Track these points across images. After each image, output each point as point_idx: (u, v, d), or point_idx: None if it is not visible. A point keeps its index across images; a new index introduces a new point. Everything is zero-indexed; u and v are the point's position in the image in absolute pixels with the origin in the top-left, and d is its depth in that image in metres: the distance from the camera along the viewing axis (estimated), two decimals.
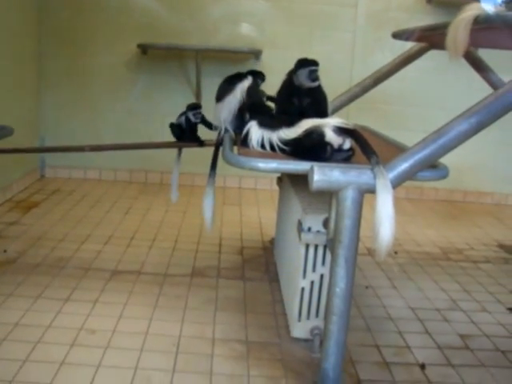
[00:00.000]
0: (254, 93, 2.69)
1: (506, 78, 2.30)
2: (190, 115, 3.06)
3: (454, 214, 4.61)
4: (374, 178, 1.73)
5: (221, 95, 2.74)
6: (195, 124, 3.09)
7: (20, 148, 3.51)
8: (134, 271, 2.93)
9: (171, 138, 3.16)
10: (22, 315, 2.37)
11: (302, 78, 2.48)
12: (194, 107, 3.10)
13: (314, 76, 2.48)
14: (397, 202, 1.68)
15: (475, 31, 2.12)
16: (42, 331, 2.25)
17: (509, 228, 4.25)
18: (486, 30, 2.09)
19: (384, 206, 1.71)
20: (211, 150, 2.65)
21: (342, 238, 1.79)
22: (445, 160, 2.00)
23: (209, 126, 2.99)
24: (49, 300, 2.54)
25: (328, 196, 2.00)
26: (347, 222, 1.77)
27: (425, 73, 4.36)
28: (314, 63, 2.49)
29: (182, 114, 3.10)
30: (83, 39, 4.67)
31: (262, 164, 1.94)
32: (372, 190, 1.75)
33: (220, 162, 2.20)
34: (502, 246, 3.79)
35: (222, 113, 2.69)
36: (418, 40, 3.06)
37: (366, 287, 2.94)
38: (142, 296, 2.65)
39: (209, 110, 4.58)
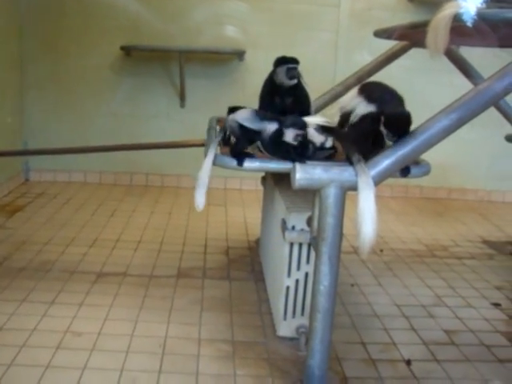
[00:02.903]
0: None
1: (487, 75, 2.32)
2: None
3: (438, 211, 4.63)
4: (356, 175, 1.74)
5: None
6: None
7: (3, 151, 3.49)
8: (119, 273, 2.92)
9: (156, 139, 3.13)
10: (6, 319, 2.36)
11: (281, 76, 2.47)
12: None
13: (291, 74, 2.46)
14: (382, 201, 1.70)
15: (455, 29, 2.14)
16: (27, 335, 2.24)
17: (493, 224, 4.28)
18: (465, 27, 2.10)
19: (366, 203, 1.72)
20: (195, 151, 2.65)
21: (326, 235, 1.80)
22: (429, 158, 2.01)
23: None
24: (34, 303, 2.53)
25: (311, 194, 2.00)
26: (330, 220, 1.78)
27: (407, 70, 4.37)
28: (293, 61, 2.48)
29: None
30: (66, 42, 4.65)
31: (246, 163, 1.95)
32: (354, 188, 1.76)
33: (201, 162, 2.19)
34: (486, 242, 3.81)
35: None
36: (400, 38, 3.08)
37: (352, 285, 2.95)
38: (128, 298, 2.65)
39: (195, 110, 4.65)
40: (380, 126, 1.86)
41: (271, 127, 1.99)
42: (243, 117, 2.05)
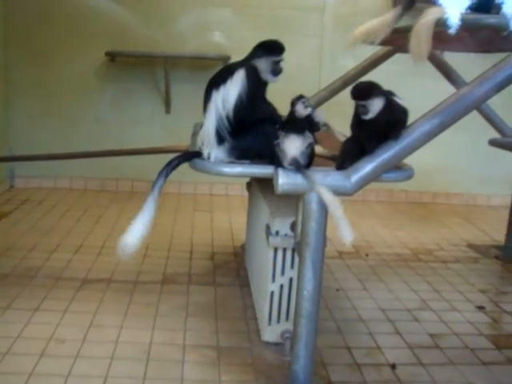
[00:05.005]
0: None
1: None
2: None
3: (423, 215, 4.65)
4: (319, 196, 1.75)
5: None
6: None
7: None
8: (104, 279, 2.91)
9: (142, 145, 3.12)
10: None
11: (263, 70, 2.21)
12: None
13: (277, 68, 2.23)
14: (367, 205, 1.71)
15: (437, 34, 2.15)
16: (10, 342, 2.23)
17: (477, 228, 4.30)
18: (448, 33, 2.12)
19: (336, 213, 1.73)
20: None
21: (309, 240, 1.80)
22: (413, 162, 2.02)
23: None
24: (18, 311, 2.51)
25: (295, 199, 2.01)
26: (313, 225, 1.79)
27: (392, 75, 4.39)
28: (278, 49, 2.23)
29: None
30: (51, 48, 4.63)
31: (227, 169, 1.95)
32: (337, 192, 1.77)
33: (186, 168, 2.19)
34: (470, 246, 3.83)
35: None
36: (383, 43, 3.09)
37: (337, 290, 2.95)
38: (113, 304, 2.64)
39: (180, 115, 4.63)
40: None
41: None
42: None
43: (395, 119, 1.89)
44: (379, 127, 1.90)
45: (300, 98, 2.05)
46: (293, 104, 2.05)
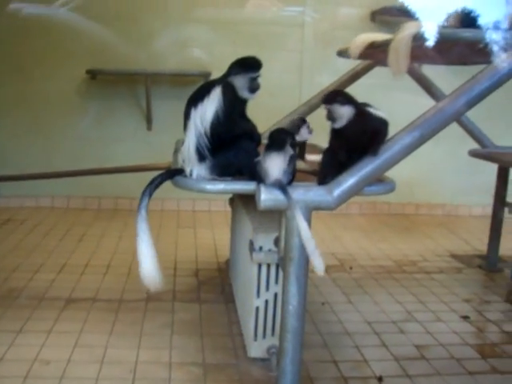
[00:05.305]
0: None
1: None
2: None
3: (406, 226, 4.68)
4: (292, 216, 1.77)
5: None
6: None
7: None
8: (88, 299, 2.90)
9: (124, 162, 3.11)
10: None
11: (240, 87, 2.18)
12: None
13: (255, 85, 2.20)
14: (350, 218, 1.73)
15: (415, 48, 2.18)
16: None
17: (460, 238, 4.33)
18: (425, 47, 2.15)
19: (309, 245, 1.76)
20: None
21: (293, 255, 1.81)
22: (395, 174, 2.04)
23: None
24: (1, 332, 2.49)
25: (278, 214, 2.01)
26: (296, 240, 1.79)
27: (372, 89, 4.43)
28: (255, 66, 2.21)
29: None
30: (31, 66, 4.61)
31: (210, 186, 1.96)
32: (319, 207, 1.78)
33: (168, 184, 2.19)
34: (454, 256, 3.85)
35: None
36: (362, 57, 3.12)
37: (323, 303, 2.95)
38: (97, 323, 2.62)
39: (162, 132, 4.63)
40: None
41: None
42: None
43: (370, 130, 1.91)
44: (350, 136, 1.93)
45: (303, 121, 2.05)
46: (298, 126, 2.06)
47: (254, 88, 2.20)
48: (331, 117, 1.94)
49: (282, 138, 1.96)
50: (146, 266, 2.03)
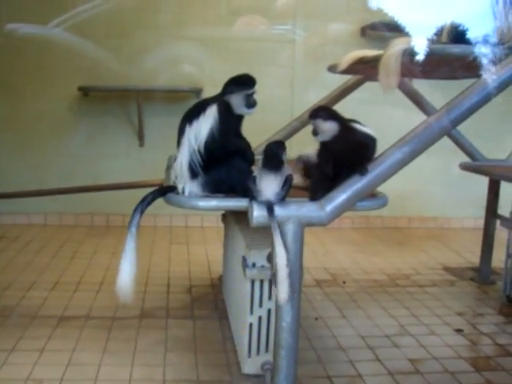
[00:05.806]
0: None
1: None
2: None
3: (399, 240, 4.69)
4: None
5: None
6: None
7: None
8: (81, 316, 2.88)
9: (116, 179, 3.11)
10: None
11: (237, 105, 2.24)
12: None
13: (251, 101, 2.25)
14: (343, 232, 1.73)
15: (405, 64, 2.20)
16: None
17: (453, 251, 4.34)
18: (415, 62, 2.17)
19: (281, 272, 1.79)
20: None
21: None
22: (388, 187, 2.05)
23: None
24: None
25: (271, 230, 2.01)
26: (289, 256, 1.79)
27: (363, 103, 4.45)
28: (250, 83, 2.26)
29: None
30: (22, 83, 4.62)
31: (202, 203, 1.96)
32: (312, 223, 1.79)
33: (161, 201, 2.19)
34: (446, 269, 3.86)
35: None
36: (352, 73, 3.15)
37: (316, 318, 2.95)
38: (91, 341, 2.61)
39: (154, 148, 4.64)
40: None
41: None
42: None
43: (355, 145, 1.93)
44: (336, 151, 1.95)
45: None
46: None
47: (250, 104, 2.24)
48: (315, 132, 1.96)
49: (279, 158, 1.96)
50: (123, 280, 2.15)
